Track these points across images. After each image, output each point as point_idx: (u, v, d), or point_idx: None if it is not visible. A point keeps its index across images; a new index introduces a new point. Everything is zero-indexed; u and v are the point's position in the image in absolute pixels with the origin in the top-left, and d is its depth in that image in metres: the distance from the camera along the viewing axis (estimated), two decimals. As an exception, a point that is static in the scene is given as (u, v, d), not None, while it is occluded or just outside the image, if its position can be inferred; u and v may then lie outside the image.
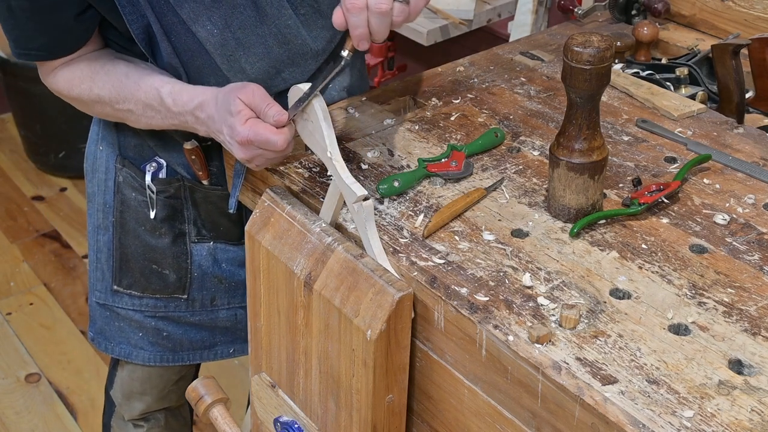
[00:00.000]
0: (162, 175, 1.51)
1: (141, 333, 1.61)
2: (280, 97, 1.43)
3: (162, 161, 1.51)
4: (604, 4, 1.79)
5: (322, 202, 1.25)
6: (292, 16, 1.36)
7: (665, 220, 1.22)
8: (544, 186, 1.28)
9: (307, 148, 1.36)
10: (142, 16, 1.29)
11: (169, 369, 1.68)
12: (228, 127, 1.25)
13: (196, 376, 1.78)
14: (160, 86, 1.33)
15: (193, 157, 1.47)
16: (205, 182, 1.51)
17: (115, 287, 1.59)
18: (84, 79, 1.38)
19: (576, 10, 1.79)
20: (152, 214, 1.53)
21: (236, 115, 1.23)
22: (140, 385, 1.70)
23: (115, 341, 1.63)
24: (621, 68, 1.60)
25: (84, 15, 1.32)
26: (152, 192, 1.51)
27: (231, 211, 1.43)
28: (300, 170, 1.35)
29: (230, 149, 1.28)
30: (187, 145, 1.45)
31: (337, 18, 1.14)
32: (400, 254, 1.17)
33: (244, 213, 1.54)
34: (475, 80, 1.57)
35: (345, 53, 1.18)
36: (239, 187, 1.41)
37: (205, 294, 1.60)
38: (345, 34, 1.18)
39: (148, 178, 1.51)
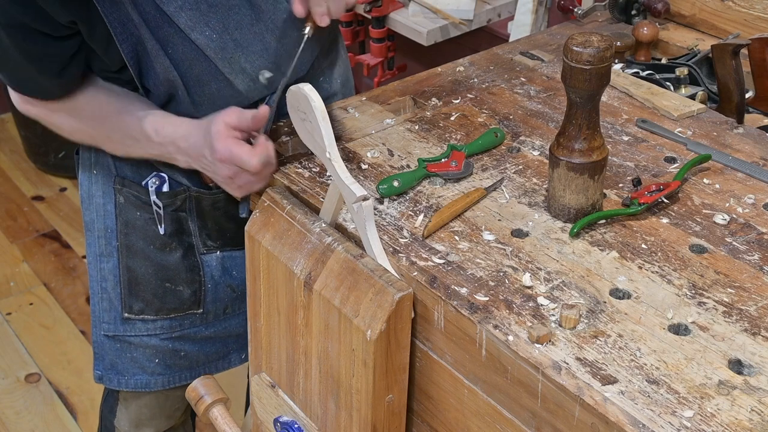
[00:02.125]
0: (165, 188, 1.49)
1: (157, 359, 1.57)
2: (283, 94, 1.44)
3: (164, 174, 1.48)
4: (604, 4, 1.79)
5: (322, 202, 1.25)
6: (287, 10, 1.37)
7: (665, 220, 1.22)
8: (544, 186, 1.28)
9: (306, 149, 1.36)
10: (132, 35, 1.29)
11: (179, 387, 1.63)
12: (209, 147, 1.28)
13: None
14: (142, 117, 1.34)
15: None
16: (212, 185, 1.49)
17: (126, 315, 1.54)
18: (62, 107, 1.37)
19: (576, 10, 1.79)
20: (161, 230, 1.50)
21: (216, 134, 1.27)
22: (149, 411, 1.67)
23: (129, 374, 1.58)
24: (621, 68, 1.60)
25: (70, 66, 1.31)
26: (158, 207, 1.49)
27: (243, 215, 1.42)
28: (300, 170, 1.35)
29: (214, 171, 1.32)
30: None
31: (297, 7, 1.34)
32: (400, 254, 1.17)
33: (248, 216, 1.53)
34: (475, 80, 1.57)
35: (306, 30, 1.35)
36: None
37: (219, 305, 1.58)
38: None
39: (152, 193, 1.49)
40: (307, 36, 1.32)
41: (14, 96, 1.40)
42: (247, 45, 1.36)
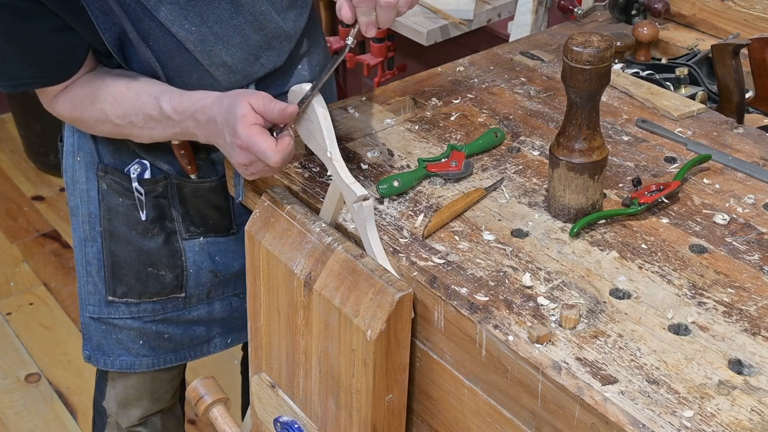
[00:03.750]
0: (147, 175, 1.51)
1: (141, 341, 1.59)
2: (262, 83, 1.44)
3: (145, 162, 1.50)
4: (604, 4, 1.79)
5: (322, 202, 1.25)
6: (264, 2, 1.38)
7: (665, 220, 1.22)
8: (544, 186, 1.28)
9: (307, 148, 1.36)
10: (114, 24, 1.29)
11: (165, 370, 1.67)
12: (230, 129, 1.24)
13: (184, 372, 1.78)
14: (159, 95, 1.33)
15: (182, 152, 1.47)
16: (193, 176, 1.51)
17: (110, 298, 1.57)
18: (86, 98, 1.37)
19: (576, 10, 1.79)
20: (143, 216, 1.52)
21: (241, 118, 1.22)
22: (136, 392, 1.69)
23: (115, 354, 1.61)
24: (621, 68, 1.60)
25: (64, 36, 1.30)
26: (140, 194, 1.50)
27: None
28: (300, 170, 1.35)
29: (229, 153, 1.27)
30: (175, 141, 1.45)
31: (346, 12, 1.19)
32: (400, 254, 1.17)
33: (231, 203, 1.55)
34: (475, 80, 1.57)
35: (350, 41, 1.21)
36: None
37: (201, 289, 1.59)
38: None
39: (134, 180, 1.50)
40: (349, 46, 1.21)
41: (41, 98, 1.41)
42: (227, 37, 1.36)
